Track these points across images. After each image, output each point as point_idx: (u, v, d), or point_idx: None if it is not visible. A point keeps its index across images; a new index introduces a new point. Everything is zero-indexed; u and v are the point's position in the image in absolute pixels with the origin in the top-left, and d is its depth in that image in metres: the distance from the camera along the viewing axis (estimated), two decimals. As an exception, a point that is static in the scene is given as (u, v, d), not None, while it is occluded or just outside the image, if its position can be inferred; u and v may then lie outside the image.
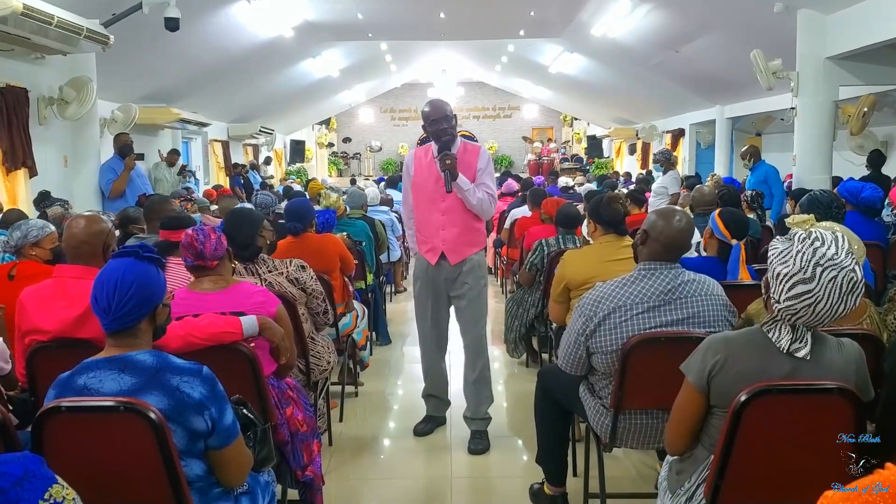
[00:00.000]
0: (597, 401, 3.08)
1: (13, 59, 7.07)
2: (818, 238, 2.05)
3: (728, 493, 2.15)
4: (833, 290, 2.00)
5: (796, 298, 2.03)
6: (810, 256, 2.02)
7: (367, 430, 4.79)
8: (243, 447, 2.26)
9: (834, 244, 2.04)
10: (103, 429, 2.01)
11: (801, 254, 2.04)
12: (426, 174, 4.32)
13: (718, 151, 14.57)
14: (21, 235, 3.85)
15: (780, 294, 2.06)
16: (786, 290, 2.04)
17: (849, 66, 8.16)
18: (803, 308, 2.03)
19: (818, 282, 2.01)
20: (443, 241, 4.32)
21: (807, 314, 2.04)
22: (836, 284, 2.00)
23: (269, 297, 3.03)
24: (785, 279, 2.05)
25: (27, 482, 1.36)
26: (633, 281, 2.92)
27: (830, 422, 2.10)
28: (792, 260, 2.04)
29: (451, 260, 4.32)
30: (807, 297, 2.02)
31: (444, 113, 4.24)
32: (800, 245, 2.05)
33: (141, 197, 7.28)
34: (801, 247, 2.04)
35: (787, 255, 2.06)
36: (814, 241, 2.04)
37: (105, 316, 2.11)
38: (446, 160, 4.12)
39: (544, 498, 3.58)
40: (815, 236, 2.06)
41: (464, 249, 4.33)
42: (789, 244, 2.09)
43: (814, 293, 2.01)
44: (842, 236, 2.08)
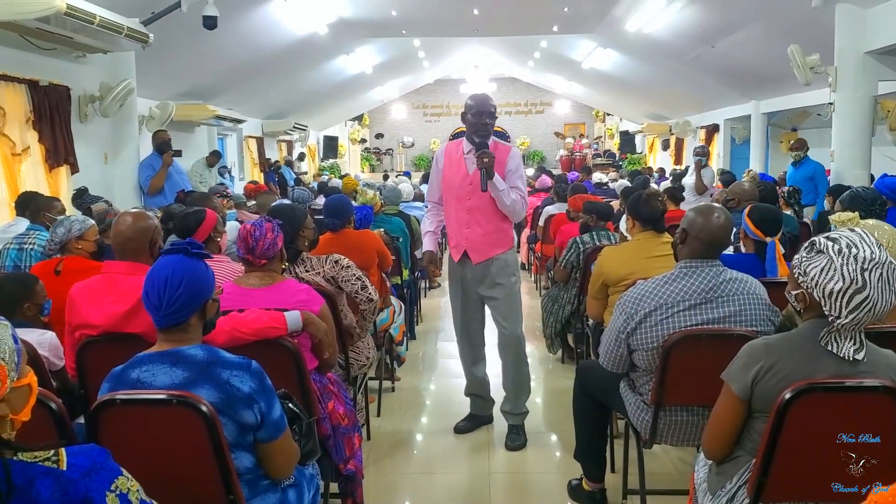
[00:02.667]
0: (637, 397, 3.09)
1: (56, 57, 7.19)
2: (851, 244, 2.06)
3: (771, 491, 2.16)
4: (884, 288, 2.03)
5: (858, 309, 2.04)
6: (854, 265, 2.03)
7: (404, 425, 4.84)
8: (290, 440, 2.30)
9: (864, 244, 2.06)
10: (156, 421, 2.06)
11: (844, 266, 2.04)
12: (455, 170, 4.28)
13: (754, 147, 14.42)
14: (65, 231, 3.93)
15: (841, 310, 2.05)
16: (846, 305, 2.04)
17: (888, 60, 8.07)
18: (865, 315, 2.04)
19: (870, 286, 2.03)
20: (466, 240, 4.29)
21: (869, 318, 2.06)
22: (885, 280, 2.03)
23: (313, 296, 3.07)
24: (841, 295, 2.04)
25: (95, 474, 1.40)
26: (675, 279, 2.92)
27: (876, 421, 2.10)
28: (839, 275, 2.05)
29: (473, 259, 4.29)
30: (866, 304, 2.03)
31: (488, 108, 4.18)
32: (840, 259, 2.05)
33: (180, 193, 7.40)
34: (842, 259, 2.05)
35: (833, 271, 2.06)
36: (850, 249, 2.05)
37: (156, 312, 2.16)
38: (484, 158, 4.03)
39: (583, 494, 3.60)
40: (847, 243, 2.07)
41: (487, 249, 4.27)
42: (826, 259, 2.08)
43: (871, 298, 2.03)
44: (867, 234, 2.10)
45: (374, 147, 26.24)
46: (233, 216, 6.89)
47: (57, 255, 3.94)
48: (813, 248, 2.15)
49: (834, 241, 2.09)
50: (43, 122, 6.91)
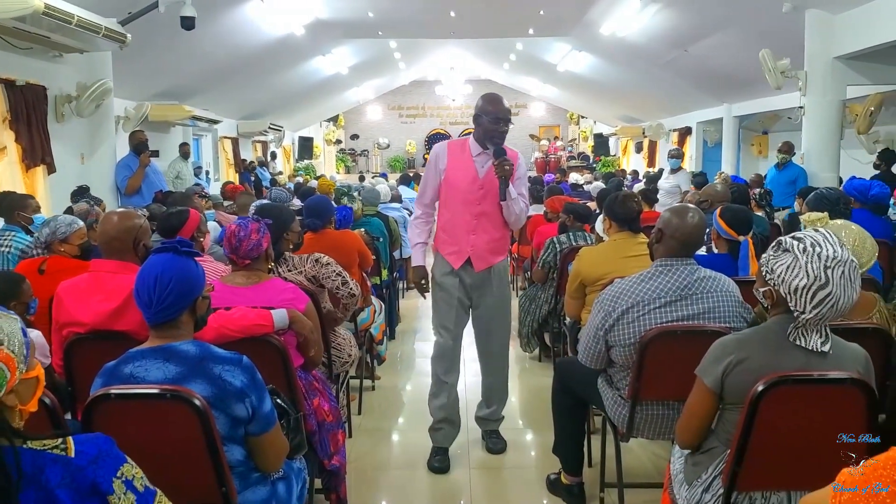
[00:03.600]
0: (615, 392, 3.18)
1: (32, 57, 7.16)
2: (815, 243, 2.17)
3: (744, 479, 2.25)
4: (846, 285, 2.14)
5: (821, 305, 2.14)
6: (818, 263, 2.14)
7: (384, 423, 4.90)
8: (280, 434, 2.35)
9: (828, 243, 2.17)
10: (150, 415, 2.11)
11: (809, 264, 2.15)
12: (462, 172, 4.05)
13: (725, 150, 14.64)
14: (50, 232, 3.96)
15: (806, 305, 2.16)
16: (810, 301, 2.15)
17: (856, 65, 8.27)
18: (828, 310, 2.15)
19: (832, 283, 2.13)
20: (471, 246, 4.07)
21: (832, 313, 2.16)
22: (847, 278, 2.14)
23: (299, 294, 3.12)
24: (805, 291, 2.15)
25: (102, 461, 1.46)
26: (651, 277, 3.01)
27: (843, 411, 2.19)
28: (803, 272, 2.15)
29: (476, 266, 4.09)
30: (829, 300, 2.13)
31: (506, 113, 4.02)
32: (804, 257, 2.16)
33: (157, 194, 7.40)
34: (806, 257, 2.16)
35: (798, 269, 2.17)
36: (815, 248, 2.16)
37: (147, 309, 2.21)
38: (505, 166, 3.88)
39: (561, 487, 3.68)
40: (811, 242, 2.18)
41: (490, 257, 4.11)
42: (791, 258, 2.19)
43: (833, 294, 2.13)
44: (830, 234, 2.21)
45: (350, 148, 26.23)
46: (211, 216, 6.91)
47: (41, 255, 3.96)
48: (780, 247, 2.25)
49: (799, 241, 2.20)
50: (19, 122, 6.88)
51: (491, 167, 3.96)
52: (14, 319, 1.47)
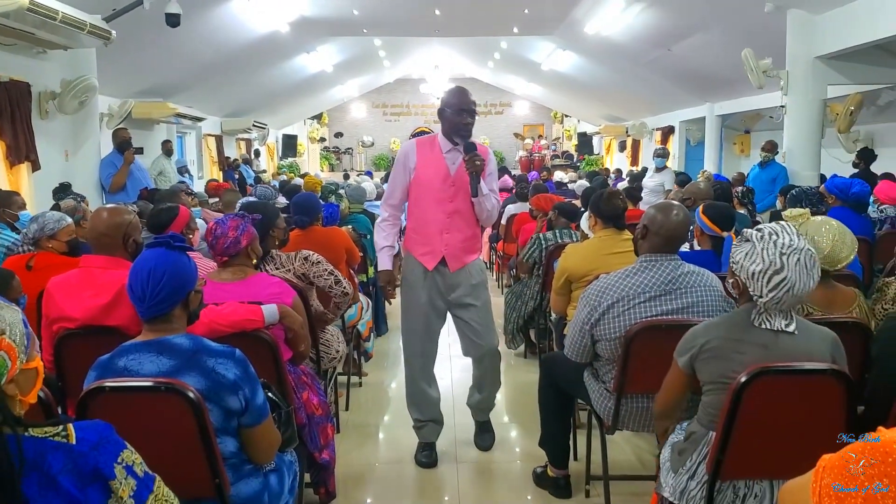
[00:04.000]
0: (600, 385, 3.23)
1: (16, 53, 7.15)
2: (772, 232, 2.29)
3: (728, 468, 2.30)
4: (801, 271, 2.25)
5: (777, 288, 2.25)
6: (773, 249, 2.26)
7: (372, 419, 4.94)
8: (272, 426, 2.39)
9: (785, 233, 2.29)
10: (145, 408, 2.14)
11: (765, 250, 2.27)
12: (432, 170, 3.92)
13: (708, 148, 14.76)
14: (38, 228, 3.97)
15: (762, 289, 2.28)
16: (766, 285, 2.27)
17: (837, 65, 8.36)
18: (784, 294, 2.25)
19: (787, 268, 2.24)
20: (445, 246, 3.95)
21: (789, 298, 2.26)
22: (802, 265, 2.25)
23: (285, 289, 3.16)
24: (761, 276, 2.27)
25: (102, 447, 1.49)
26: (636, 272, 3.07)
27: (823, 401, 2.25)
28: (759, 258, 2.28)
29: (451, 266, 3.97)
30: (784, 284, 2.24)
31: (469, 105, 3.87)
32: (761, 244, 2.29)
33: (143, 191, 7.40)
34: (763, 244, 2.28)
35: (755, 255, 2.29)
36: (771, 236, 2.28)
37: (141, 304, 2.23)
38: (476, 161, 3.75)
39: (548, 480, 3.73)
40: (769, 231, 2.30)
41: (464, 256, 4.00)
42: (750, 245, 2.32)
43: (788, 279, 2.24)
44: (789, 226, 2.34)
45: (334, 146, 26.19)
46: (197, 214, 6.92)
47: (29, 251, 3.97)
48: (742, 238, 2.39)
49: (759, 231, 2.33)
50: (3, 119, 6.88)
51: (462, 163, 3.85)
52: (16, 311, 1.50)
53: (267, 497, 2.37)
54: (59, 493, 1.39)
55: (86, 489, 1.42)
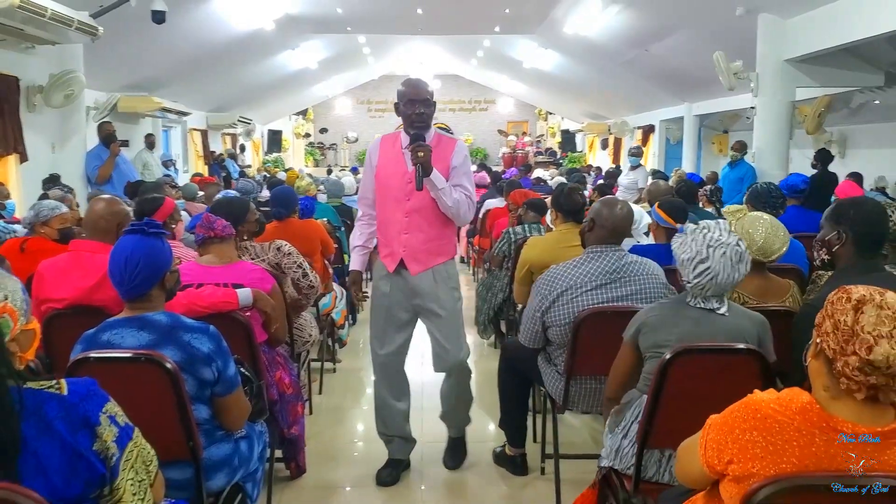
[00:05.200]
0: (552, 368, 3.48)
1: (4, 48, 7.33)
2: (705, 227, 2.57)
3: (655, 436, 2.55)
4: (725, 263, 2.51)
5: (701, 276, 2.53)
6: (701, 240, 2.54)
7: (344, 402, 5.18)
8: (242, 396, 2.62)
9: (717, 229, 2.57)
10: (126, 377, 2.35)
11: (694, 241, 2.56)
12: (392, 167, 3.70)
13: (686, 148, 15.03)
14: (34, 214, 4.23)
15: (689, 275, 2.57)
16: (692, 271, 2.55)
17: (805, 68, 8.64)
18: (707, 281, 2.53)
19: (712, 259, 2.51)
20: (403, 247, 3.69)
21: (712, 286, 2.53)
22: (727, 257, 2.51)
23: (265, 276, 3.40)
24: (689, 263, 2.56)
25: (90, 398, 1.72)
26: (583, 262, 3.32)
27: (740, 378, 2.49)
28: (688, 247, 2.56)
29: (412, 270, 3.70)
30: (708, 273, 2.52)
31: (423, 94, 3.65)
32: (692, 235, 2.57)
33: (128, 185, 7.59)
34: (693, 236, 2.56)
35: (685, 245, 2.58)
36: (703, 230, 2.56)
37: (121, 287, 2.45)
38: (419, 152, 3.46)
39: (506, 458, 3.98)
40: (703, 226, 2.58)
41: (427, 259, 3.71)
42: (685, 236, 2.60)
43: (712, 268, 2.51)
44: (724, 222, 2.62)
45: (319, 142, 26.36)
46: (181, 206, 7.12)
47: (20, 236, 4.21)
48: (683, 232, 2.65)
49: (695, 225, 2.59)
50: (-8, 112, 7.06)
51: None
52: (16, 280, 1.76)
53: (237, 460, 2.60)
54: (53, 436, 1.62)
55: (76, 434, 1.65)
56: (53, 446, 1.62)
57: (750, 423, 1.68)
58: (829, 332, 1.63)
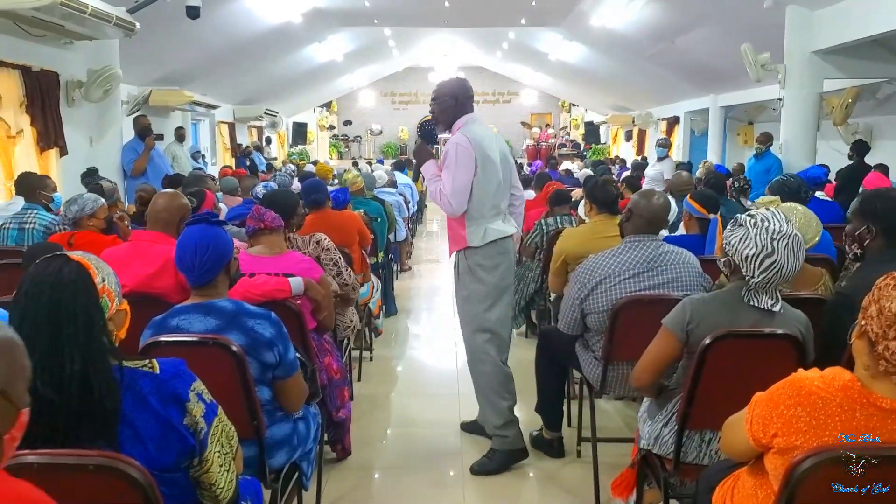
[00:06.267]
0: (590, 354, 3.59)
1: (44, 44, 7.50)
2: (764, 219, 2.56)
3: (694, 420, 2.66)
4: (790, 255, 2.53)
5: (768, 270, 2.53)
6: (765, 234, 2.53)
7: (383, 389, 5.32)
8: (301, 379, 2.76)
9: (776, 219, 2.56)
10: (194, 360, 2.44)
11: (758, 235, 2.54)
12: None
13: (711, 139, 15.01)
14: (79, 208, 4.35)
15: (754, 271, 2.55)
16: (758, 267, 2.54)
17: (833, 59, 8.66)
18: (773, 275, 2.54)
19: (777, 252, 2.52)
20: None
21: (777, 278, 2.55)
22: (790, 249, 2.53)
23: (314, 266, 3.54)
24: (754, 259, 2.54)
25: (180, 377, 1.87)
26: (621, 252, 3.43)
27: (778, 363, 2.58)
28: (752, 242, 2.54)
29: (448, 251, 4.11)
30: (774, 266, 2.52)
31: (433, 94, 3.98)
32: (754, 230, 2.55)
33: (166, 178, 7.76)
34: (756, 230, 2.55)
35: (748, 240, 2.55)
36: (763, 223, 2.55)
37: (191, 273, 2.59)
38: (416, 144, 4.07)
39: (543, 442, 4.11)
40: (761, 218, 2.57)
41: (451, 245, 4.04)
42: (744, 231, 2.58)
43: (778, 261, 2.52)
44: (780, 213, 2.61)
45: (343, 134, 26.48)
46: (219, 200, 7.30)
47: (68, 230, 4.34)
48: (736, 223, 2.66)
49: (751, 217, 2.61)
50: (35, 107, 7.24)
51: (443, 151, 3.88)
52: (107, 266, 1.88)
53: (296, 440, 2.76)
54: (147, 409, 1.77)
55: (167, 408, 1.80)
56: (148, 419, 1.76)
57: (795, 399, 1.80)
58: (873, 316, 1.73)
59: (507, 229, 3.92)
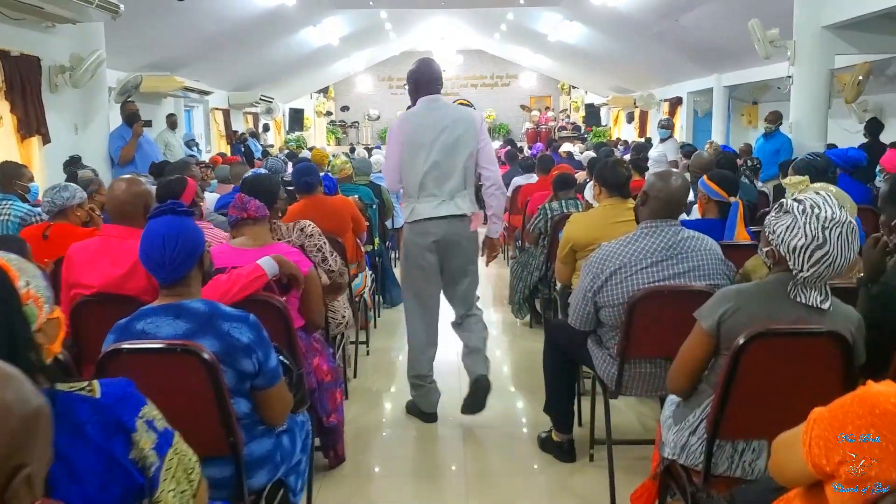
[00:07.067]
0: (604, 351, 3.29)
1: (24, 27, 7.18)
2: (814, 205, 2.24)
3: (726, 428, 2.36)
4: (843, 244, 2.21)
5: (819, 263, 2.21)
6: (816, 224, 2.21)
7: (379, 385, 5.05)
8: (285, 389, 2.46)
9: (827, 205, 2.24)
10: (161, 369, 2.20)
11: (807, 224, 2.22)
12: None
13: (715, 120, 14.74)
14: (70, 195, 4.08)
15: (804, 264, 2.23)
16: (807, 260, 2.22)
17: (845, 34, 8.34)
18: (825, 269, 2.22)
19: (830, 243, 2.20)
20: None
21: (829, 272, 2.24)
22: (844, 238, 2.21)
23: (302, 259, 3.24)
24: (803, 250, 2.22)
25: (125, 401, 1.56)
26: (637, 238, 3.12)
27: (822, 363, 2.31)
28: (801, 232, 2.22)
29: None
30: (826, 259, 2.21)
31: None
32: (803, 217, 2.23)
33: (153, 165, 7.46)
34: (805, 218, 2.22)
35: (797, 229, 2.23)
36: (814, 210, 2.23)
37: (160, 269, 2.29)
38: None
39: (552, 444, 3.81)
40: (811, 204, 2.25)
41: None
42: (791, 218, 2.26)
43: (830, 253, 2.20)
44: (829, 195, 2.29)
45: (340, 120, 26.18)
46: (213, 188, 7.03)
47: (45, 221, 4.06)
48: (781, 209, 2.33)
49: (799, 203, 2.27)
50: (14, 93, 6.94)
51: None
52: (34, 266, 1.60)
53: (279, 456, 2.45)
54: (86, 442, 1.47)
55: (110, 439, 1.49)
56: (86, 453, 1.46)
57: (866, 420, 1.48)
58: None
59: (440, 211, 4.06)
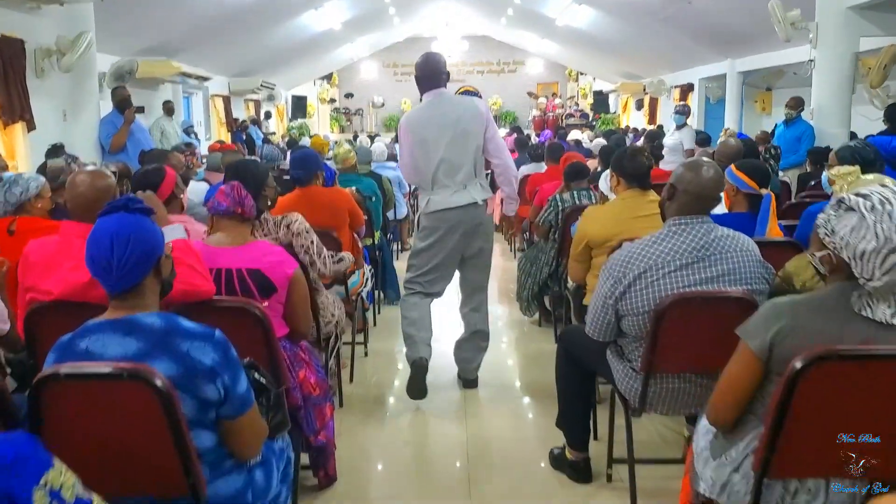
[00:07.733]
0: (626, 364, 2.92)
1: (7, 7, 6.83)
2: (885, 200, 1.86)
3: (778, 465, 1.99)
4: None
5: (894, 270, 1.83)
6: (889, 223, 1.83)
7: (377, 391, 4.70)
8: (258, 416, 2.10)
9: None
10: (106, 397, 1.85)
11: (878, 224, 1.84)
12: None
13: (729, 106, 14.37)
14: (22, 189, 3.71)
15: (874, 271, 1.85)
16: (879, 266, 1.84)
17: (870, 15, 7.94)
18: None
19: None
20: None
21: None
22: None
23: (287, 258, 2.90)
24: (874, 255, 1.84)
25: (20, 466, 1.21)
26: (664, 238, 2.75)
27: (891, 387, 1.94)
28: (871, 233, 1.84)
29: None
30: None
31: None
32: (872, 216, 1.85)
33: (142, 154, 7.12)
34: (876, 216, 1.85)
35: (865, 230, 1.86)
36: (884, 206, 1.85)
37: (108, 276, 1.94)
38: None
39: (566, 463, 3.43)
40: (879, 199, 1.87)
41: None
42: (857, 217, 1.88)
43: None
44: None
45: (344, 107, 25.82)
46: (200, 176, 6.67)
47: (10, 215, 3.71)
48: (841, 206, 1.94)
49: (865, 198, 1.88)
50: (-5, 76, 6.58)
51: None
52: None
53: (251, 495, 2.08)
54: None
55: None
56: None
57: None
58: None
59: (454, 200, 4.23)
